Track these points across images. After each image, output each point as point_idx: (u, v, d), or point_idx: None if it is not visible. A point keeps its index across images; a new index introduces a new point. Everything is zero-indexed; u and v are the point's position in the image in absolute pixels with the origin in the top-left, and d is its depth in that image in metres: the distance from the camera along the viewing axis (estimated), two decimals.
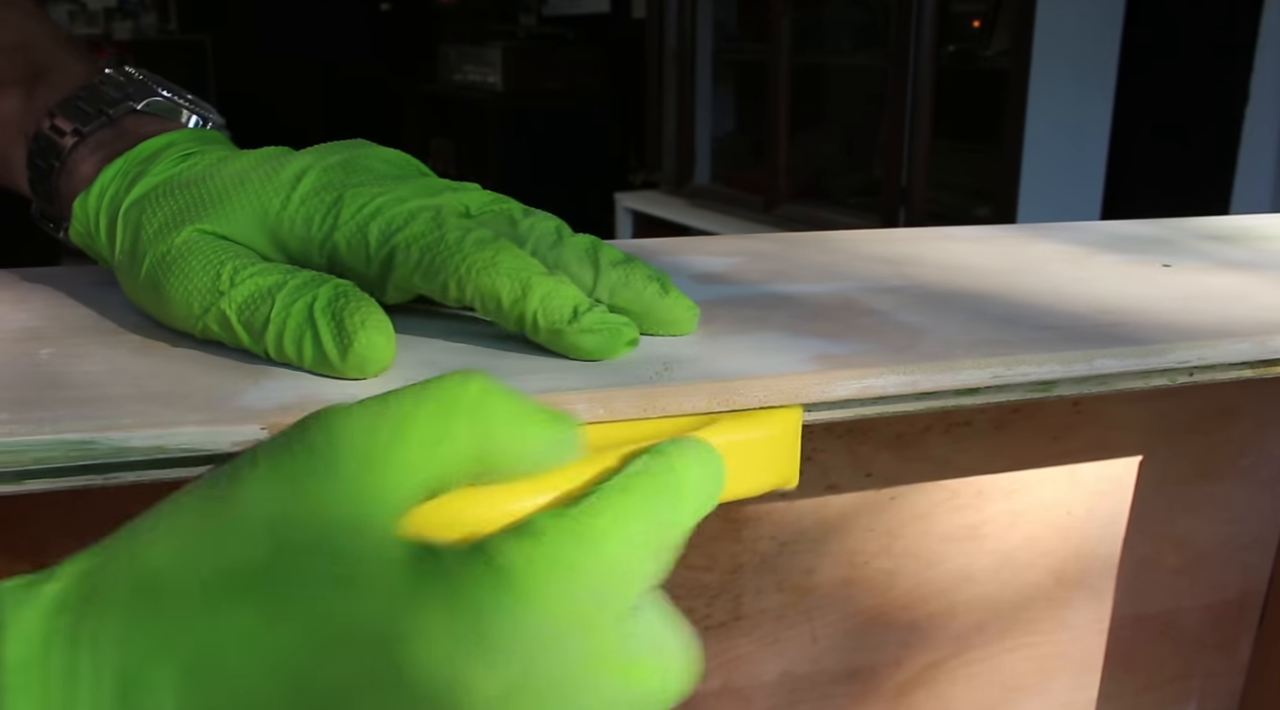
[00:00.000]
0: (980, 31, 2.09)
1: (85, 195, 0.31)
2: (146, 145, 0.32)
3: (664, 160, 2.82)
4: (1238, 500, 0.49)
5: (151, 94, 0.34)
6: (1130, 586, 0.49)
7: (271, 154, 0.31)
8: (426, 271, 0.28)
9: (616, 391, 0.26)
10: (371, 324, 0.26)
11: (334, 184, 0.29)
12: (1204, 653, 0.52)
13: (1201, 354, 0.30)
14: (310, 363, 0.26)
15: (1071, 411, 0.45)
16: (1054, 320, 0.32)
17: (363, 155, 0.31)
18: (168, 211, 0.29)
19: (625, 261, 0.30)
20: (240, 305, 0.27)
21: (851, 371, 0.27)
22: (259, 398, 0.25)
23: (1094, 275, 0.38)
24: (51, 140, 0.32)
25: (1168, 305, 0.34)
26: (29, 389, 0.25)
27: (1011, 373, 0.28)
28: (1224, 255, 0.42)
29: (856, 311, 0.33)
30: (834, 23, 2.48)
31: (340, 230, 0.28)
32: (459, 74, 3.58)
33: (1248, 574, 0.51)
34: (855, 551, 0.44)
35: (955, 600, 0.47)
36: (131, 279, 0.30)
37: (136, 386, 0.26)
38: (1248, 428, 0.48)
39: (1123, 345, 0.30)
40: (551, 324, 0.27)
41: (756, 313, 0.33)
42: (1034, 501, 0.46)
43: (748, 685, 0.45)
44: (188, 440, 0.23)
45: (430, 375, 0.21)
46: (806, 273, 0.38)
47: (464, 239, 0.27)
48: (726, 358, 0.28)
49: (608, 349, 0.27)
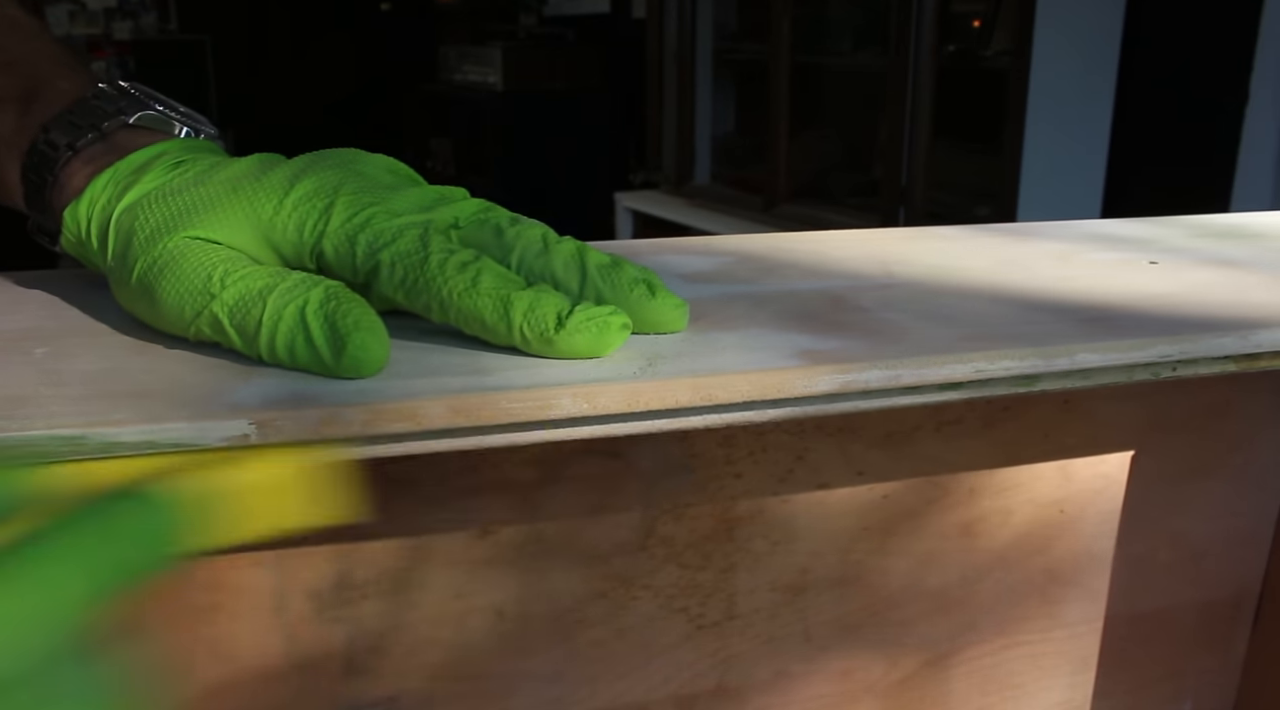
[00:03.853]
0: (980, 31, 2.09)
1: (75, 204, 0.31)
2: (137, 155, 0.32)
3: (664, 160, 2.83)
4: (1231, 497, 0.50)
5: (144, 107, 0.34)
6: (1124, 584, 0.49)
7: (264, 160, 0.31)
8: (409, 292, 0.28)
9: (600, 387, 0.26)
10: (365, 325, 0.26)
11: (327, 190, 0.29)
12: (1199, 650, 0.52)
13: (1184, 348, 0.30)
14: (303, 365, 0.27)
15: (1062, 409, 0.45)
16: (1039, 317, 0.32)
17: (356, 161, 0.31)
18: (160, 217, 0.29)
19: (612, 265, 0.30)
20: (232, 307, 0.27)
21: (834, 366, 0.27)
22: (249, 394, 0.25)
23: (1081, 273, 0.38)
24: (45, 155, 0.33)
25: (1153, 301, 0.34)
26: (23, 386, 0.26)
27: (994, 367, 0.28)
28: (1212, 252, 0.42)
29: (843, 309, 0.33)
30: (834, 23, 2.48)
31: (329, 238, 0.29)
32: (459, 74, 3.58)
33: (1242, 571, 0.51)
34: (848, 550, 0.44)
35: (948, 599, 0.47)
36: (123, 285, 0.30)
37: (129, 384, 0.26)
38: (1240, 424, 0.48)
39: (1106, 340, 0.30)
40: (539, 334, 0.27)
41: (743, 310, 0.33)
42: (1026, 499, 0.46)
43: (742, 685, 0.45)
44: (177, 435, 0.24)
45: (420, 375, 0.21)
46: (795, 271, 0.38)
47: (446, 262, 0.28)
48: (711, 354, 0.28)
49: (601, 343, 0.28)
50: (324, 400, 0.25)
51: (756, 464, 0.41)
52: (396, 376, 0.27)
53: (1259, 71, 1.64)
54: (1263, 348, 0.31)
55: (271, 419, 0.24)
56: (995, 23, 2.02)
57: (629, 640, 0.43)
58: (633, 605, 0.42)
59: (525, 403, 0.26)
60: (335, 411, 0.25)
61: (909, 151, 2.03)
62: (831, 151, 2.51)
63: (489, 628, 0.41)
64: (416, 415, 0.25)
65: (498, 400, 0.25)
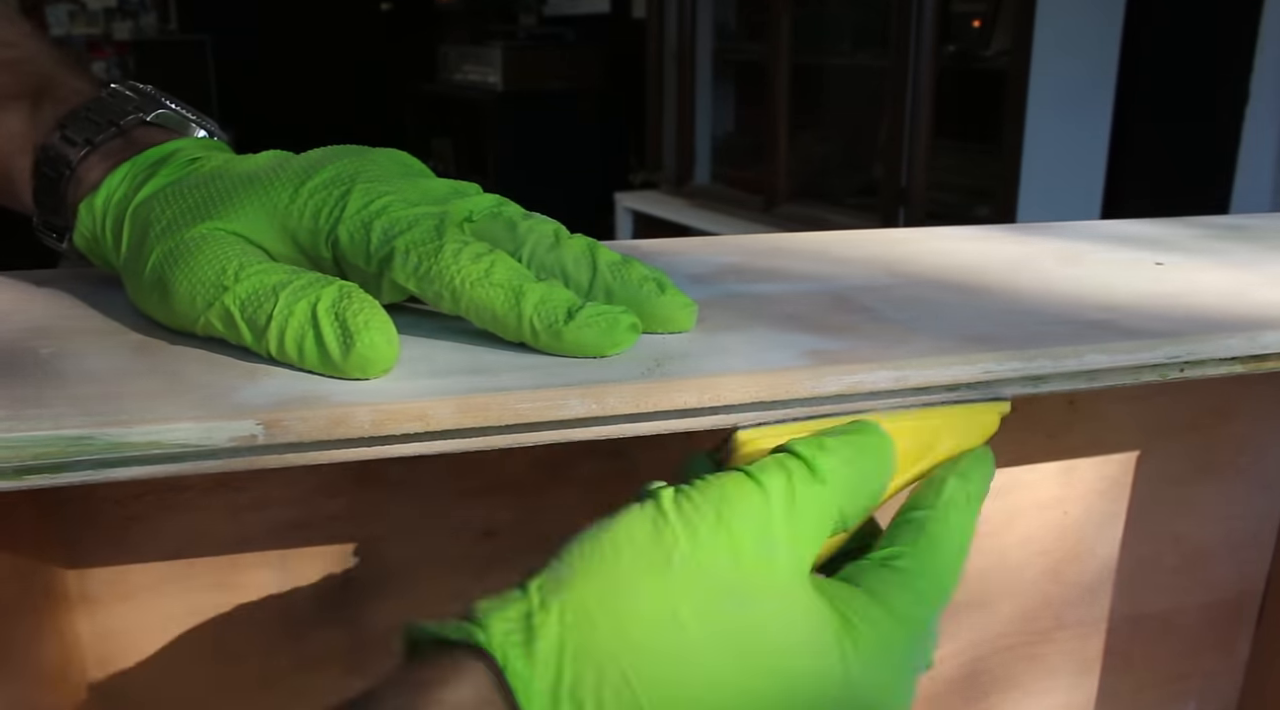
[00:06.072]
0: (980, 31, 2.09)
1: (91, 198, 0.31)
2: (154, 151, 0.32)
3: (664, 160, 2.83)
4: (1235, 498, 0.50)
5: (160, 107, 0.34)
6: (1128, 585, 0.49)
7: (279, 155, 0.32)
8: (422, 280, 0.28)
9: (609, 387, 0.26)
10: (375, 325, 0.26)
11: (343, 178, 0.30)
12: (1202, 652, 0.52)
13: (1192, 349, 0.30)
14: (312, 362, 0.27)
15: (1068, 410, 0.45)
16: (1045, 317, 0.32)
17: (370, 154, 0.31)
18: (177, 208, 0.30)
19: (622, 262, 0.30)
20: (244, 300, 0.27)
21: (842, 367, 0.27)
22: (256, 394, 0.25)
23: (1086, 273, 0.38)
24: (60, 151, 0.33)
25: (1159, 302, 0.34)
26: (29, 386, 0.26)
27: (1002, 368, 0.28)
28: (1218, 253, 0.42)
29: (849, 310, 0.33)
30: (834, 23, 2.48)
31: (344, 224, 0.29)
32: (459, 74, 3.58)
33: (1246, 572, 0.51)
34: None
35: (952, 600, 0.47)
36: (136, 276, 0.30)
37: (135, 383, 0.26)
38: (1245, 425, 0.48)
39: (1113, 341, 0.30)
40: (548, 326, 0.27)
41: (750, 311, 0.33)
42: (1031, 500, 0.46)
43: None
44: (184, 435, 0.24)
45: (428, 376, 0.21)
46: (799, 272, 0.38)
47: (460, 252, 0.28)
48: (718, 354, 0.28)
49: (609, 340, 0.28)
50: (331, 400, 0.25)
51: None
52: (404, 377, 0.26)
53: (1259, 71, 1.64)
54: (1269, 349, 0.31)
55: (279, 419, 0.24)
56: (995, 23, 2.02)
57: None
58: None
59: (534, 403, 0.25)
60: (343, 412, 0.25)
61: (909, 151, 2.03)
62: (831, 151, 2.51)
63: None
64: (425, 416, 0.25)
65: (506, 401, 0.25)
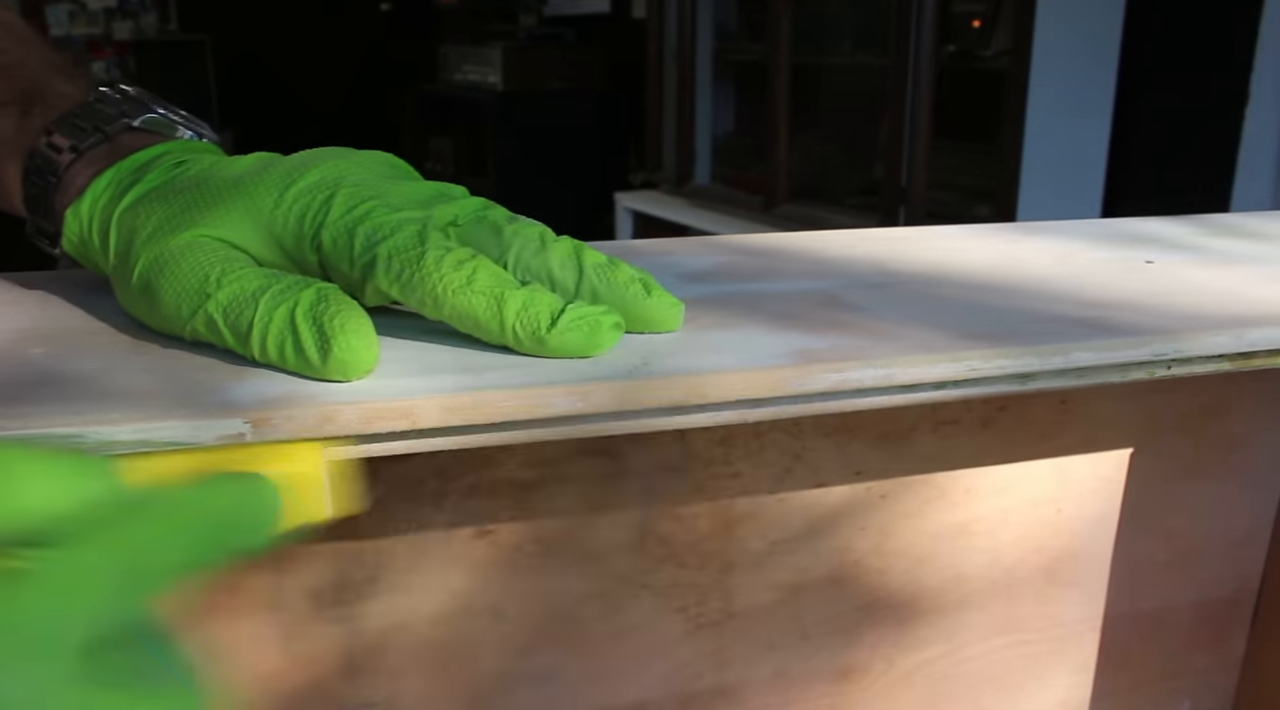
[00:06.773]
0: (980, 31, 2.09)
1: (77, 204, 0.31)
2: (139, 155, 0.32)
3: (664, 160, 2.83)
4: (1228, 496, 0.50)
5: (147, 111, 0.34)
6: (1122, 583, 0.49)
7: (264, 158, 0.32)
8: (405, 286, 0.28)
9: (594, 385, 0.26)
10: (351, 328, 0.26)
11: (328, 182, 0.30)
12: (1197, 650, 0.52)
13: (1179, 347, 0.30)
14: (293, 366, 0.27)
15: (1060, 408, 0.45)
16: (1034, 315, 0.32)
17: (356, 157, 0.31)
18: (162, 215, 0.30)
19: (608, 264, 0.30)
20: (226, 307, 0.27)
21: (828, 365, 0.27)
22: (244, 393, 0.25)
23: (1077, 272, 0.38)
24: (48, 157, 0.33)
25: (1148, 300, 0.34)
26: (19, 386, 0.26)
27: (988, 365, 0.28)
28: (1208, 251, 0.42)
29: (839, 308, 0.33)
30: (834, 23, 2.48)
31: (328, 229, 0.29)
32: (459, 74, 3.58)
33: (1240, 570, 0.51)
34: (846, 550, 0.44)
35: (946, 598, 0.47)
36: (124, 284, 0.30)
37: (125, 384, 0.26)
38: (1237, 424, 0.48)
39: (1101, 338, 0.30)
40: (531, 333, 0.27)
41: (739, 309, 0.33)
42: (1024, 499, 0.46)
43: (739, 684, 0.45)
44: (173, 434, 0.24)
45: (415, 374, 0.21)
46: (792, 271, 0.38)
47: (443, 259, 0.28)
48: (705, 353, 0.28)
49: (593, 342, 0.28)
50: (319, 399, 0.25)
51: (754, 463, 0.42)
52: (390, 375, 0.27)
53: (1259, 71, 1.64)
54: (1257, 346, 0.31)
55: (266, 418, 0.24)
56: (995, 23, 2.02)
57: (627, 640, 0.43)
58: (631, 605, 0.42)
59: (519, 401, 0.26)
60: (330, 410, 0.25)
61: (909, 151, 2.03)
62: (831, 152, 2.51)
63: (487, 627, 0.41)
64: (411, 414, 0.25)
65: (492, 399, 0.25)
